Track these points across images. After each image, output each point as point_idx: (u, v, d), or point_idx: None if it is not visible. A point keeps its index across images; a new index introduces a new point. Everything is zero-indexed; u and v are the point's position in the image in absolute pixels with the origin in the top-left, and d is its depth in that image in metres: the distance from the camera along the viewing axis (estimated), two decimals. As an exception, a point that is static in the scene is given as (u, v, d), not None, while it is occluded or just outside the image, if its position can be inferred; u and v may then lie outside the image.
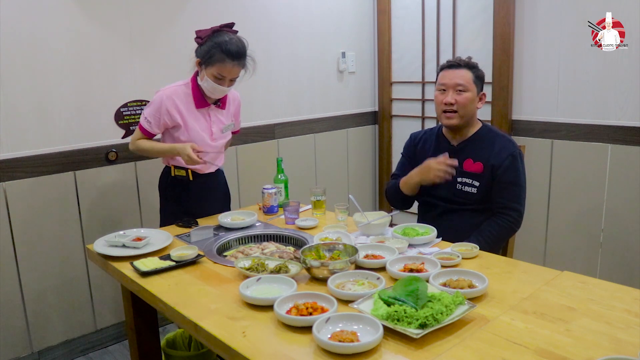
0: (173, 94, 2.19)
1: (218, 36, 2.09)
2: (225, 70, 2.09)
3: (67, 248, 2.57)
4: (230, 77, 2.12)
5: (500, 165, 2.01)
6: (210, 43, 2.08)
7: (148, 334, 1.98)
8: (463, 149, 2.10)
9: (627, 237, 2.73)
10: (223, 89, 2.15)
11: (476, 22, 3.21)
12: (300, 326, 1.27)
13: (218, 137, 2.31)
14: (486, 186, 2.04)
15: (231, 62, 2.08)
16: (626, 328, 1.23)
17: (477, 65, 2.08)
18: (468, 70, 2.04)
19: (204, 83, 2.14)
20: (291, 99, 3.39)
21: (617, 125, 2.70)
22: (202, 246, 1.90)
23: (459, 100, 2.02)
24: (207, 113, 2.26)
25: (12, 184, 2.38)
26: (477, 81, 2.05)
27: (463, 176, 2.07)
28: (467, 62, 2.06)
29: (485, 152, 2.05)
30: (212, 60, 2.08)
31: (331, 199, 2.41)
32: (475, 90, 2.04)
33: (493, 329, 1.25)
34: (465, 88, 2.02)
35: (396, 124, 3.83)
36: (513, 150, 2.03)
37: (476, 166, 2.05)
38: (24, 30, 2.34)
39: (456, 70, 2.04)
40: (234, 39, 2.09)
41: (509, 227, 2.01)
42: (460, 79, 2.02)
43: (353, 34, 3.67)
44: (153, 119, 2.20)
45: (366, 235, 1.95)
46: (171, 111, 2.18)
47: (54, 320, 2.59)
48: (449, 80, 2.05)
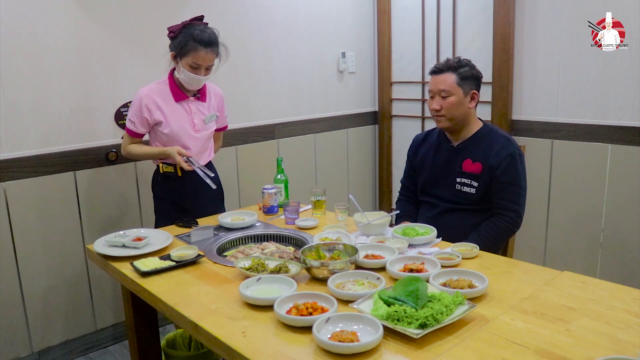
0: (150, 91, 2.26)
1: (189, 28, 2.17)
2: (199, 58, 2.15)
3: (67, 248, 2.57)
4: (205, 64, 2.18)
5: (498, 166, 2.00)
6: (182, 35, 2.17)
7: (148, 334, 1.98)
8: (463, 149, 2.10)
9: (627, 237, 2.73)
10: (199, 78, 2.21)
11: (476, 22, 3.21)
12: (300, 326, 1.27)
13: (201, 128, 2.35)
14: (485, 186, 2.04)
15: (204, 50, 2.15)
16: (626, 328, 1.23)
17: (466, 64, 2.05)
18: (451, 73, 2.03)
19: (181, 75, 2.21)
20: (291, 99, 3.39)
21: (617, 125, 2.70)
22: (202, 246, 1.90)
23: (444, 105, 2.03)
24: (187, 105, 2.31)
25: (12, 184, 2.38)
26: (462, 82, 2.02)
27: (462, 176, 2.07)
28: (450, 64, 2.04)
29: (485, 152, 2.05)
30: (186, 49, 2.15)
31: (331, 199, 2.42)
32: (460, 92, 2.02)
33: (493, 329, 1.25)
34: (448, 93, 2.02)
35: (396, 124, 3.83)
36: (512, 150, 2.02)
37: (475, 166, 2.05)
38: (24, 30, 2.34)
39: (439, 75, 2.05)
40: (205, 29, 2.18)
41: (507, 228, 2.01)
42: (443, 84, 2.03)
43: (353, 34, 3.67)
44: (136, 119, 2.27)
45: (366, 235, 1.95)
46: (150, 107, 2.24)
47: (54, 320, 2.59)
48: (434, 86, 2.06)
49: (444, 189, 2.12)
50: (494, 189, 2.03)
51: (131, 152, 2.33)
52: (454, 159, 2.12)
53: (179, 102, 2.29)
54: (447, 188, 2.11)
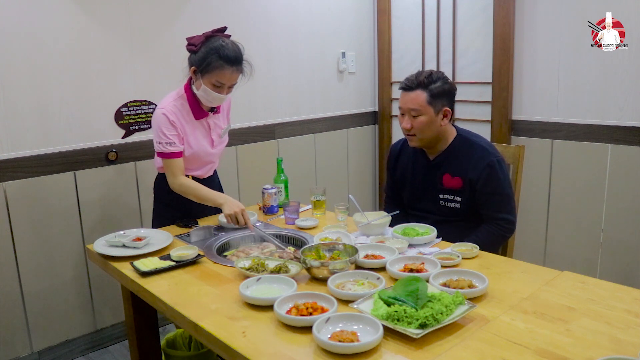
0: (173, 109, 2.09)
1: (212, 42, 1.99)
2: (224, 77, 1.99)
3: (67, 248, 2.57)
4: (229, 83, 2.03)
5: (478, 178, 1.95)
6: (206, 49, 1.98)
7: (148, 334, 1.98)
8: (440, 163, 2.05)
9: (627, 237, 2.73)
10: (221, 97, 2.05)
11: (476, 22, 3.21)
12: (300, 326, 1.27)
13: (218, 144, 2.27)
14: (469, 200, 2.00)
15: (230, 68, 1.98)
16: (626, 328, 1.23)
17: (438, 79, 1.95)
18: (422, 91, 1.94)
19: (201, 92, 2.05)
20: (291, 99, 3.39)
21: (617, 125, 2.70)
22: (202, 246, 1.90)
23: (415, 125, 1.97)
24: (206, 122, 2.19)
25: (12, 184, 2.38)
26: (433, 100, 1.94)
27: (444, 192, 2.04)
28: (420, 81, 1.94)
29: (462, 165, 1.99)
30: (210, 67, 1.98)
31: (331, 199, 2.41)
32: (431, 111, 1.94)
33: (493, 329, 1.25)
34: (418, 112, 1.95)
35: (396, 124, 3.82)
36: (489, 160, 1.95)
37: (455, 181, 2.01)
38: (24, 30, 2.34)
39: (409, 92, 1.96)
40: (229, 44, 2.00)
41: (501, 234, 1.98)
42: (412, 104, 1.95)
43: (353, 34, 3.67)
44: (174, 137, 2.07)
45: (366, 235, 1.95)
46: (177, 126, 2.09)
47: (54, 320, 2.59)
48: (403, 104, 1.99)
49: (429, 203, 2.09)
50: (479, 201, 1.99)
51: (188, 187, 2.08)
52: (433, 175, 2.07)
53: (199, 119, 2.15)
54: (432, 203, 2.08)
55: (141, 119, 2.73)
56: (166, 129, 2.07)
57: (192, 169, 2.24)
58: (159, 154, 2.11)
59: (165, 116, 2.06)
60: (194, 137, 2.16)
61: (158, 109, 2.10)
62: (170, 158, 2.08)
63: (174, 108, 2.10)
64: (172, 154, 2.08)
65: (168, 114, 2.07)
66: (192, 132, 2.15)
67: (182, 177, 2.11)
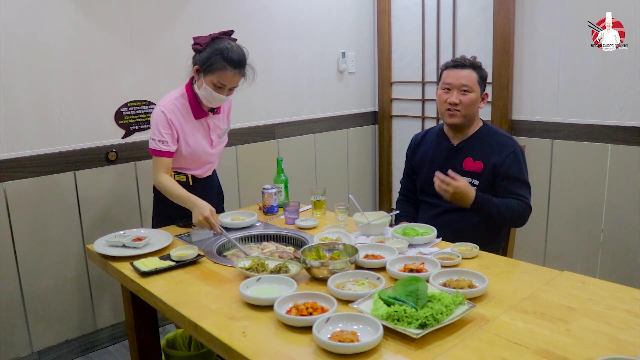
0: (172, 108, 2.11)
1: (218, 43, 2.02)
2: (226, 78, 2.02)
3: (67, 248, 2.57)
4: (230, 85, 2.06)
5: (502, 163, 2.01)
6: (211, 50, 2.01)
7: (148, 334, 1.98)
8: (463, 148, 2.10)
9: (627, 237, 2.73)
10: (221, 98, 2.07)
11: (476, 22, 3.21)
12: (300, 326, 1.27)
13: (217, 144, 2.28)
14: (486, 185, 2.04)
15: (232, 71, 2.01)
16: (626, 328, 1.23)
17: (481, 65, 2.08)
18: (473, 70, 2.04)
19: (202, 91, 2.07)
20: (291, 99, 3.39)
21: (617, 125, 2.70)
22: (202, 246, 1.90)
23: (463, 101, 2.02)
24: (206, 122, 2.21)
25: (12, 184, 2.38)
26: (480, 82, 2.06)
27: (463, 175, 2.06)
28: (472, 62, 2.06)
29: (486, 151, 2.05)
30: (213, 67, 2.00)
31: (331, 199, 2.41)
32: (479, 90, 2.05)
33: (493, 329, 1.25)
34: (470, 89, 2.03)
35: (396, 124, 3.83)
36: (515, 148, 2.03)
37: (476, 165, 2.06)
38: (24, 30, 2.34)
39: (461, 70, 2.04)
40: (234, 47, 2.03)
41: (523, 209, 2.01)
42: (465, 80, 2.03)
43: (353, 34, 3.67)
44: (167, 136, 2.10)
45: (366, 235, 1.95)
46: (175, 124, 2.12)
47: (54, 320, 2.59)
48: (454, 80, 2.04)
49: None
50: (500, 185, 2.03)
51: (165, 186, 2.09)
52: (454, 158, 2.11)
53: (198, 119, 2.17)
54: None
55: (141, 119, 2.73)
56: (162, 127, 2.10)
57: (191, 168, 2.25)
58: (150, 149, 2.15)
59: (164, 114, 2.10)
60: (193, 136, 2.17)
61: (158, 106, 2.14)
62: (160, 156, 2.12)
63: (173, 107, 2.13)
64: (162, 153, 2.11)
65: (167, 112, 2.10)
66: (191, 131, 2.16)
67: (165, 175, 2.13)
